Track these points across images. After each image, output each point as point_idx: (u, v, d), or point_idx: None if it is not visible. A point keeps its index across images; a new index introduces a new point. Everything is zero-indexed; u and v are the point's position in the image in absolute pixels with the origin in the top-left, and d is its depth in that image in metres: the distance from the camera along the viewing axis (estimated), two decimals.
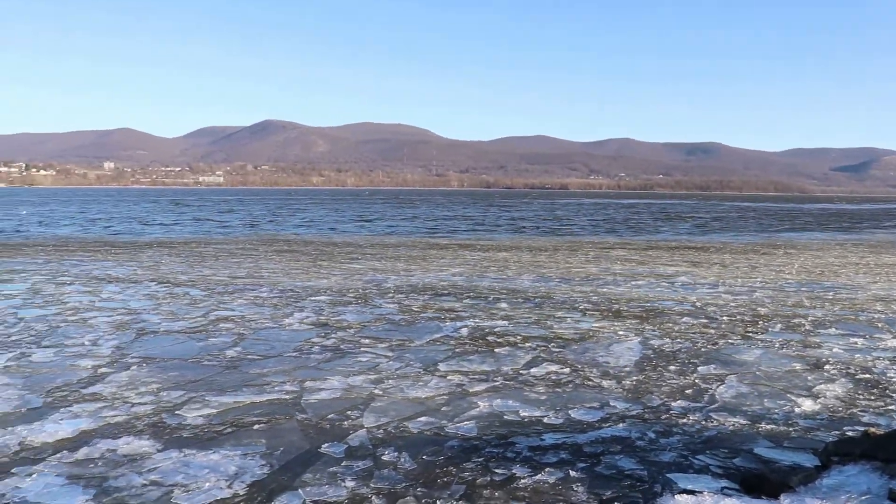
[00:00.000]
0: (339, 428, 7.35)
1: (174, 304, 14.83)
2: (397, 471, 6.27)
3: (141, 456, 6.59)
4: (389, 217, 63.15)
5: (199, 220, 55.70)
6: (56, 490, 5.87)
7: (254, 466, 6.34)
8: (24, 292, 16.48)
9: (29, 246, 31.10)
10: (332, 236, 38.39)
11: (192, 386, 8.84)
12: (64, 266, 22.29)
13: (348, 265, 22.86)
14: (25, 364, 9.87)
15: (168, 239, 35.89)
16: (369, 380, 9.13)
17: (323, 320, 13.14)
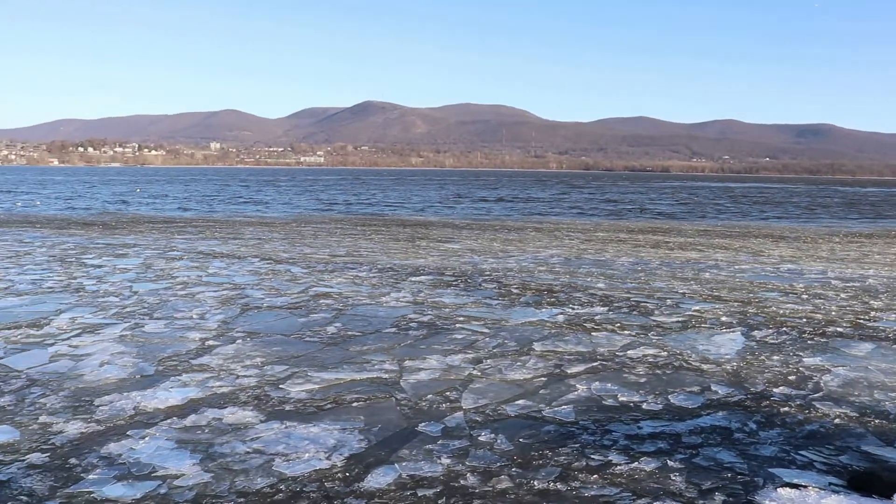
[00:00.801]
0: (437, 408, 7.42)
1: (276, 281, 15.25)
2: (493, 451, 6.29)
3: (245, 425, 6.82)
4: (484, 198, 63.12)
5: (298, 200, 57.02)
6: (166, 453, 6.14)
7: (352, 441, 6.47)
8: (137, 267, 17.27)
9: (141, 222, 32.55)
10: (429, 217, 38.66)
11: (294, 361, 9.09)
12: (173, 242, 23.23)
13: (446, 245, 23.00)
14: (139, 334, 10.36)
15: (269, 217, 36.90)
16: (467, 360, 9.18)
17: (421, 300, 13.28)
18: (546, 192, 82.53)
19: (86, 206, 45.68)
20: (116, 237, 24.97)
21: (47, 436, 6.51)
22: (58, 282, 14.87)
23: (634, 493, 5.52)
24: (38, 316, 11.52)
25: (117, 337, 10.18)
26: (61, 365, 8.78)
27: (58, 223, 31.62)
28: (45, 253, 19.92)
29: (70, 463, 5.93)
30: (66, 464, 5.92)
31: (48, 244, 22.29)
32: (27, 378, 8.25)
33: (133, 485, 5.56)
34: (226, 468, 5.87)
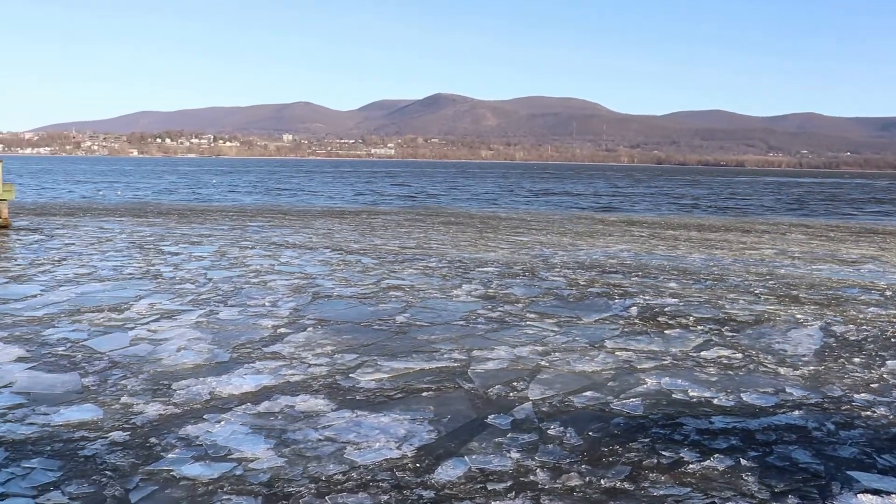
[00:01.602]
0: (506, 399, 7.43)
1: (347, 271, 15.45)
2: (562, 446, 6.26)
3: (316, 413, 6.94)
4: (552, 191, 62.72)
5: (368, 191, 57.56)
6: (241, 438, 6.29)
7: (422, 431, 6.52)
8: (212, 255, 17.70)
9: (215, 212, 33.33)
10: (497, 210, 38.60)
11: (365, 350, 9.19)
12: (246, 232, 23.73)
13: (514, 238, 22.96)
14: (214, 321, 10.63)
15: (339, 208, 37.36)
16: (536, 352, 9.17)
17: (490, 292, 13.29)
18: (616, 185, 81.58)
19: (163, 196, 46.99)
20: (192, 226, 25.62)
21: (128, 415, 6.74)
22: (137, 268, 15.35)
23: (705, 494, 5.43)
24: (119, 301, 11.92)
25: (193, 323, 10.47)
26: (141, 349, 9.07)
27: (136, 211, 32.62)
28: (125, 240, 20.57)
29: (150, 442, 6.13)
30: (147, 443, 6.11)
31: (127, 232, 23.02)
32: (109, 360, 8.54)
33: (210, 466, 5.71)
34: (298, 454, 5.98)
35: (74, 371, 8.10)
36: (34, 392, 7.38)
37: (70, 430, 6.39)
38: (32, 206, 34.79)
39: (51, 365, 8.32)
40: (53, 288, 12.97)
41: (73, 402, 7.08)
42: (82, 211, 32.62)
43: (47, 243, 19.78)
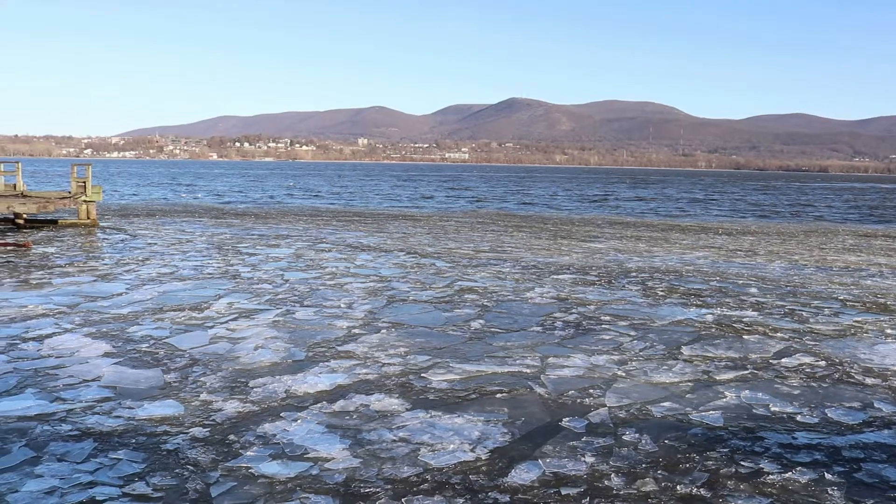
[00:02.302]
0: (580, 404, 7.36)
1: (421, 274, 15.53)
2: (638, 452, 6.17)
3: (391, 413, 6.99)
4: (626, 196, 61.92)
5: (440, 195, 57.79)
6: (317, 436, 6.38)
7: (496, 433, 6.51)
8: (288, 256, 18.03)
9: (291, 214, 33.96)
10: (570, 214, 38.31)
11: (438, 352, 9.22)
12: (322, 234, 24.10)
13: (589, 244, 22.74)
14: (290, 321, 10.81)
15: (412, 212, 37.61)
16: (612, 360, 9.05)
17: (565, 296, 13.18)
18: (692, 191, 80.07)
19: (240, 198, 48.08)
20: (269, 227, 26.15)
21: (208, 412, 6.90)
22: (216, 269, 15.74)
23: None
24: (200, 300, 12.23)
25: (270, 322, 10.67)
26: (220, 347, 9.28)
27: (215, 213, 33.46)
28: (205, 241, 21.11)
29: (229, 439, 6.26)
30: (226, 439, 6.25)
31: (207, 233, 23.63)
32: (190, 357, 8.77)
33: (287, 464, 5.80)
34: (373, 455, 6.03)
35: (157, 367, 8.35)
36: (120, 386, 7.63)
37: (153, 424, 6.58)
38: (117, 208, 36.04)
39: (135, 361, 8.59)
40: (137, 287, 13.39)
41: (156, 398, 7.30)
42: (164, 212, 33.62)
43: (131, 243, 20.45)
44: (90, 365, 8.38)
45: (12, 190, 27.38)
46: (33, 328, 10.06)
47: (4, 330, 9.96)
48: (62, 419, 6.67)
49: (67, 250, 18.85)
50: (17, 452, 5.93)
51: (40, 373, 8.06)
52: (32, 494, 5.22)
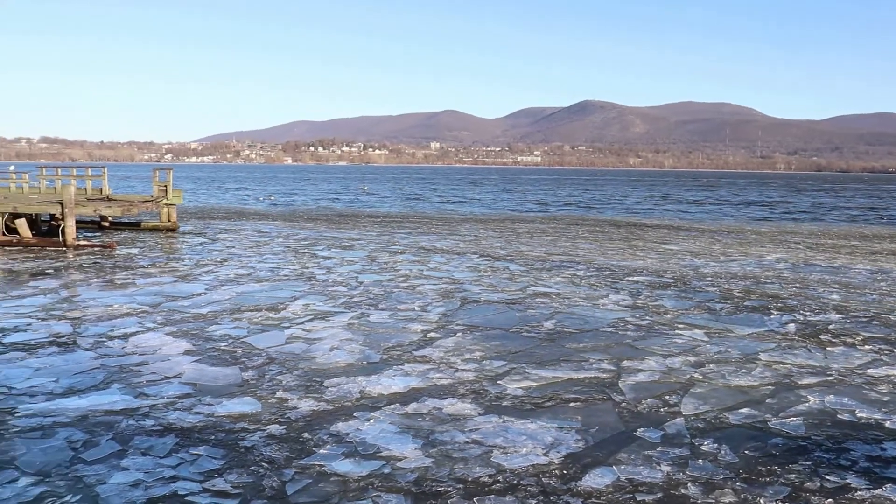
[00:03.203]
0: (656, 412, 7.23)
1: (494, 277, 15.51)
2: (716, 462, 6.03)
3: (464, 416, 6.99)
4: (702, 200, 60.66)
5: (512, 198, 57.62)
6: (390, 437, 6.42)
7: (569, 439, 6.45)
8: (362, 259, 18.22)
9: (364, 217, 34.33)
10: (643, 218, 37.76)
11: (512, 357, 9.19)
12: (395, 237, 24.29)
13: (663, 247, 22.38)
14: (365, 323, 10.92)
15: (484, 215, 37.60)
16: (688, 365, 8.88)
17: (640, 301, 13.00)
18: (770, 194, 78.01)
19: (314, 202, 48.83)
20: (343, 231, 26.49)
21: (284, 410, 7.02)
22: (292, 270, 16.01)
23: None
24: (276, 301, 12.46)
25: (345, 324, 10.80)
26: (296, 347, 9.43)
27: (289, 216, 34.07)
28: (281, 244, 21.51)
29: (304, 437, 6.36)
30: (300, 437, 6.35)
31: (283, 235, 24.07)
32: (266, 356, 8.94)
33: (360, 463, 5.86)
34: (446, 455, 6.04)
35: (235, 366, 8.53)
36: (200, 384, 7.83)
37: (232, 421, 6.73)
38: (195, 211, 37.02)
39: (214, 359, 8.79)
40: (216, 287, 13.72)
41: (234, 395, 7.46)
42: (240, 215, 34.39)
43: (210, 245, 20.97)
44: (172, 362, 8.62)
45: (99, 194, 28.39)
46: (118, 326, 10.41)
47: (92, 328, 10.34)
48: (146, 414, 6.87)
49: (149, 252, 19.44)
50: (105, 445, 6.14)
51: (125, 369, 8.33)
52: (119, 487, 5.40)
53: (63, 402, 7.22)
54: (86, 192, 28.12)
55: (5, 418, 6.76)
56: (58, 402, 7.22)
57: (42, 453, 5.98)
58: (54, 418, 6.75)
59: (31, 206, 22.07)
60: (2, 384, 7.76)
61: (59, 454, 5.97)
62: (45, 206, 21.94)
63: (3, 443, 6.18)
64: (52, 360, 8.72)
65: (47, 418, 6.75)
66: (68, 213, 20.53)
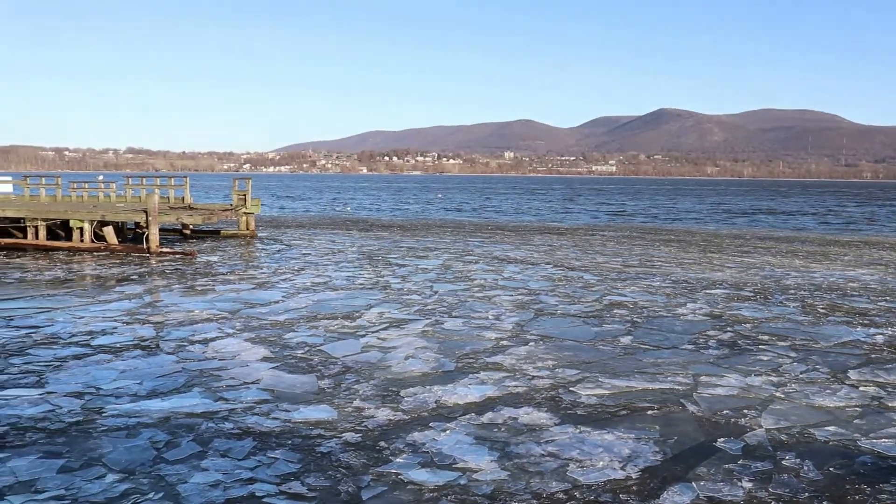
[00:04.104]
0: (736, 425, 7.05)
1: (569, 287, 15.38)
2: (800, 479, 5.84)
3: (539, 427, 6.93)
4: (781, 209, 59.03)
5: (585, 208, 57.13)
6: (465, 447, 6.41)
7: (647, 452, 6.33)
8: (437, 268, 18.29)
9: (437, 226, 34.49)
10: (720, 228, 36.93)
11: (587, 367, 9.09)
12: (468, 246, 24.32)
13: (741, 258, 21.84)
14: (439, 331, 10.95)
15: (556, 225, 37.36)
16: (769, 381, 8.62)
17: (718, 313, 12.71)
18: (853, 204, 75.47)
19: (388, 211, 49.31)
20: (416, 240, 26.66)
21: (360, 418, 7.08)
22: (367, 279, 16.17)
23: None
24: (352, 309, 12.60)
25: (420, 332, 10.84)
26: (371, 355, 9.51)
27: (364, 225, 34.45)
28: (356, 252, 21.76)
29: (380, 445, 6.40)
30: (377, 445, 6.39)
31: (358, 244, 24.34)
32: (343, 365, 9.04)
33: (435, 472, 5.86)
34: (521, 468, 5.99)
35: (312, 373, 8.65)
36: (277, 390, 7.96)
37: (308, 427, 6.81)
38: (272, 220, 37.77)
39: (291, 366, 8.93)
40: (293, 295, 13.95)
41: (310, 402, 7.56)
42: (316, 224, 34.94)
43: (287, 253, 21.35)
44: (250, 368, 8.79)
45: (181, 202, 29.21)
46: (199, 332, 10.67)
47: (174, 332, 10.62)
48: (225, 417, 7.02)
49: (229, 259, 19.90)
50: (186, 446, 6.29)
51: (205, 374, 8.53)
52: (199, 486, 5.52)
53: (147, 403, 7.43)
54: (168, 201, 28.97)
55: (93, 418, 7.00)
56: (142, 403, 7.43)
57: (127, 452, 6.16)
58: (138, 419, 6.95)
59: (117, 214, 22.84)
60: (90, 385, 8.05)
61: (143, 453, 6.14)
62: (130, 214, 22.68)
63: (91, 441, 6.41)
64: (136, 362, 9.00)
65: (132, 419, 6.96)
66: (152, 222, 21.18)
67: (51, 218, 23.01)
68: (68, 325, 11.07)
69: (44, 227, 22.86)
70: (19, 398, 7.59)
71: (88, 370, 8.65)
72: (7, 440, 6.44)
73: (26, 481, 5.62)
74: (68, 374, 8.46)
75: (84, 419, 6.97)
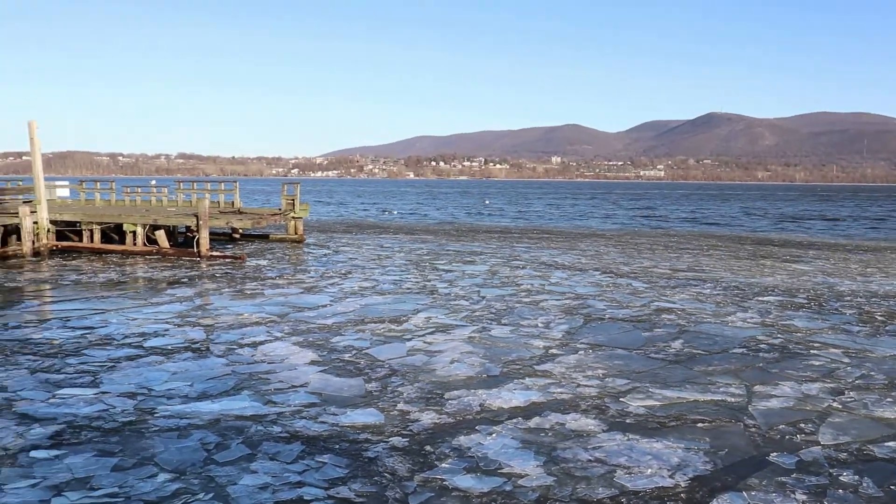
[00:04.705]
0: (790, 438, 6.89)
1: (618, 293, 15.23)
2: (858, 495, 5.68)
3: (586, 434, 6.86)
4: (832, 215, 57.75)
5: (631, 213, 56.59)
6: (511, 451, 6.38)
7: (696, 461, 6.23)
8: (484, 273, 18.26)
9: (483, 231, 34.46)
10: (769, 234, 36.28)
11: (637, 375, 8.98)
12: (515, 251, 24.24)
13: (793, 265, 21.41)
14: (486, 337, 10.92)
15: (602, 230, 37.08)
16: (826, 390, 8.42)
17: (770, 321, 12.46)
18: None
19: (434, 215, 49.40)
20: (463, 244, 26.66)
21: (406, 422, 7.08)
22: (414, 283, 16.21)
23: None
24: (399, 313, 12.63)
25: (466, 338, 10.83)
26: (417, 359, 9.52)
27: (410, 230, 34.57)
28: (403, 257, 21.83)
29: (426, 450, 6.39)
30: (423, 450, 6.38)
31: (405, 249, 24.42)
32: (389, 368, 9.06)
33: (481, 478, 5.84)
34: (568, 474, 5.94)
35: (359, 377, 8.68)
36: (325, 393, 8.01)
37: (355, 431, 6.84)
38: (319, 224, 38.10)
39: (339, 370, 8.98)
40: (340, 299, 14.04)
41: (357, 406, 7.59)
42: (362, 228, 35.17)
43: (334, 257, 21.52)
44: (298, 371, 8.86)
45: (231, 207, 29.63)
46: (248, 335, 10.79)
47: (224, 335, 10.76)
48: (273, 421, 7.08)
49: (277, 263, 20.11)
50: (235, 449, 6.36)
51: (254, 376, 8.62)
52: (248, 488, 5.58)
53: (197, 405, 7.53)
54: (219, 206, 29.41)
55: (146, 418, 7.12)
56: (192, 405, 7.54)
57: (178, 452, 6.25)
58: (189, 420, 7.05)
59: (169, 218, 23.25)
60: (143, 386, 8.19)
61: (194, 454, 6.22)
62: (182, 218, 23.07)
63: (144, 441, 6.51)
64: (187, 364, 9.13)
65: (183, 420, 7.06)
66: (203, 226, 21.50)
67: (105, 221, 23.52)
68: (122, 327, 11.29)
69: (98, 230, 23.38)
70: (75, 397, 7.76)
71: (141, 371, 8.80)
72: (64, 438, 6.58)
73: (82, 478, 5.73)
74: (122, 375, 8.62)
75: (137, 419, 7.09)
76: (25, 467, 5.94)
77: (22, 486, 5.60)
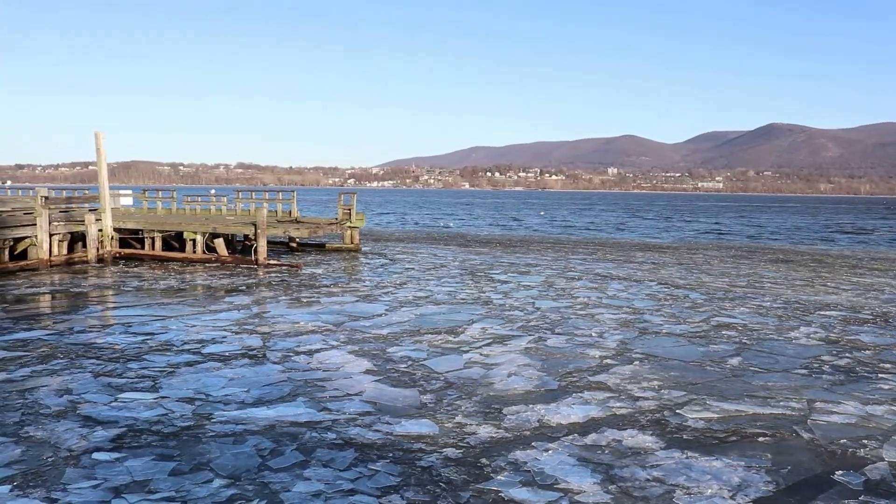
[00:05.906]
0: (855, 456, 6.68)
1: (675, 307, 14.99)
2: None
3: (644, 450, 6.74)
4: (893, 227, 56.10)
5: (688, 226, 55.75)
6: (568, 468, 6.29)
7: (758, 481, 6.07)
8: (539, 284, 18.16)
9: (537, 242, 34.30)
10: (830, 247, 35.37)
11: (694, 388, 8.82)
12: (570, 263, 24.06)
13: (857, 279, 20.83)
14: (542, 348, 10.84)
15: (658, 243, 36.58)
16: (892, 410, 8.15)
17: (834, 337, 12.13)
18: None
19: (489, 226, 49.35)
20: (517, 256, 26.55)
21: (462, 435, 7.05)
22: (469, 294, 16.19)
23: None
24: (454, 324, 12.62)
25: (523, 349, 10.76)
26: (474, 371, 9.48)
27: (464, 241, 34.57)
28: (458, 267, 21.83)
29: (481, 462, 6.35)
30: (478, 462, 6.34)
31: (459, 259, 24.43)
32: (445, 380, 9.04)
33: (537, 492, 5.77)
34: (625, 492, 5.84)
35: (414, 387, 8.68)
36: (379, 402, 8.02)
37: (410, 440, 6.83)
38: (375, 234, 38.35)
39: (394, 380, 8.99)
40: (396, 308, 14.09)
41: (412, 416, 7.58)
42: (417, 238, 35.29)
43: (390, 267, 21.62)
44: (353, 380, 8.89)
45: (288, 216, 30.02)
46: (304, 343, 10.89)
47: (280, 342, 10.88)
48: (328, 428, 7.11)
49: (333, 272, 20.28)
50: (289, 455, 6.40)
51: (310, 384, 8.68)
52: (301, 495, 5.60)
53: (253, 411, 7.61)
54: (276, 215, 29.83)
55: (203, 423, 7.21)
56: (248, 411, 7.62)
57: (233, 458, 6.32)
58: (245, 426, 7.12)
59: (228, 226, 23.64)
60: (201, 391, 8.31)
61: (249, 460, 6.28)
62: (240, 227, 23.43)
63: (200, 445, 6.60)
64: (244, 371, 9.24)
65: (239, 426, 7.14)
66: (260, 234, 21.81)
67: (166, 229, 24.01)
68: (181, 333, 11.49)
69: (159, 238, 23.87)
70: (136, 401, 7.91)
71: (199, 377, 8.93)
72: (125, 441, 6.70)
73: (141, 481, 5.82)
74: (181, 380, 8.77)
75: (194, 424, 7.19)
76: (88, 468, 6.07)
77: (84, 486, 5.71)
